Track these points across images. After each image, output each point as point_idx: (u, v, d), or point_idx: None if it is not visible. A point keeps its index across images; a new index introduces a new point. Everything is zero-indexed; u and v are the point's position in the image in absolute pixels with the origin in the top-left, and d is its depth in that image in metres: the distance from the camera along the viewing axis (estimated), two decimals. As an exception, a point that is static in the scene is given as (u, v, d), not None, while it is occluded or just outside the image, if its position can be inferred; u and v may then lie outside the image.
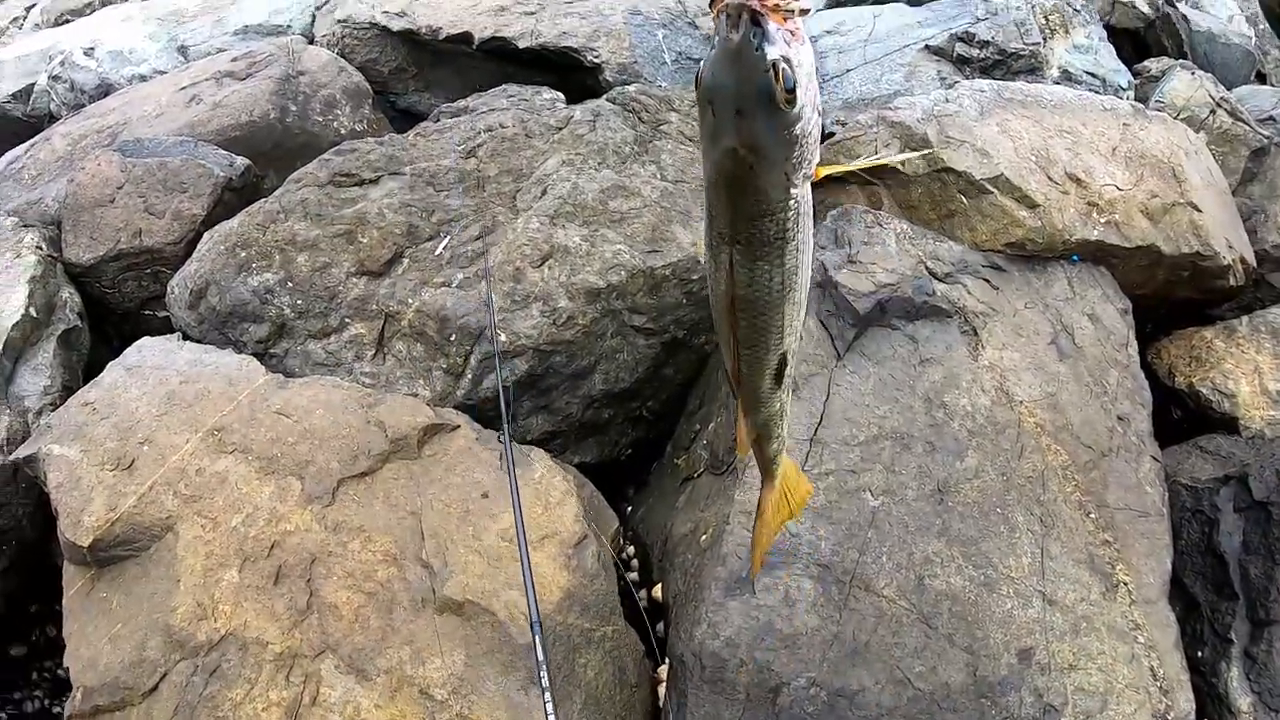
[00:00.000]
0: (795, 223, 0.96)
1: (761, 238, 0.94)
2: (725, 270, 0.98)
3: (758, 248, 0.95)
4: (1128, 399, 2.76)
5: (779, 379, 1.16)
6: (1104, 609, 2.32)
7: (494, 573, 2.11)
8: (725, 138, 0.86)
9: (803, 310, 1.09)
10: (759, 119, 0.84)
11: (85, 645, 2.08)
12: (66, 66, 4.55)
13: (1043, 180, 2.90)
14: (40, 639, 2.63)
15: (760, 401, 1.22)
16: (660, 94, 3.22)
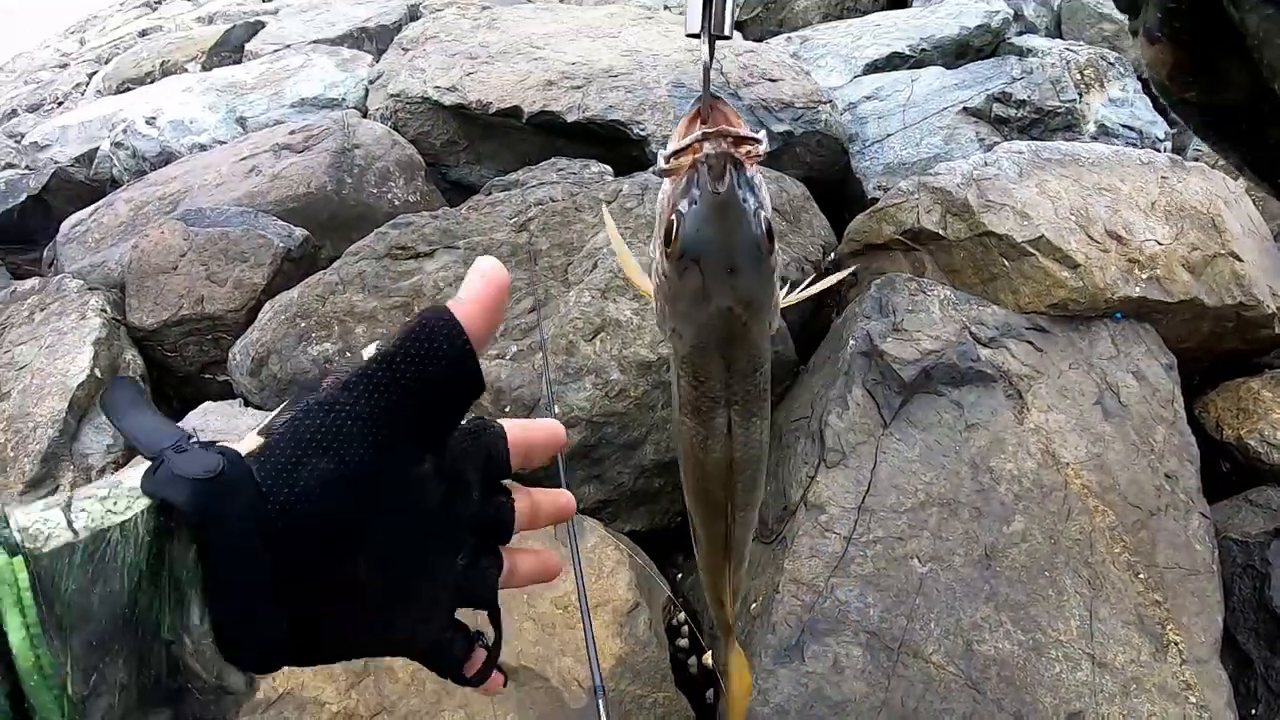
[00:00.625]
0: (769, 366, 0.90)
1: (755, 392, 0.87)
2: (721, 435, 0.88)
3: (753, 403, 0.88)
4: (1175, 456, 2.74)
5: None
6: (1154, 670, 2.30)
7: (548, 639, 2.15)
8: (718, 298, 0.77)
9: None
10: (752, 273, 0.76)
11: None
12: (129, 134, 4.73)
13: (1083, 239, 2.92)
14: None
15: (744, 561, 1.17)
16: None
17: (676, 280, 0.76)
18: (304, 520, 0.52)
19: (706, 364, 0.83)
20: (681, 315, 0.80)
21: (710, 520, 1.00)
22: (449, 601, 0.63)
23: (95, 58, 8.57)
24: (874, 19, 5.31)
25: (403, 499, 0.57)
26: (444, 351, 0.55)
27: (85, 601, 0.45)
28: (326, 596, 0.55)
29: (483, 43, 4.21)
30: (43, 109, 7.26)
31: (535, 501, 0.68)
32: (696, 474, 0.94)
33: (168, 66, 6.16)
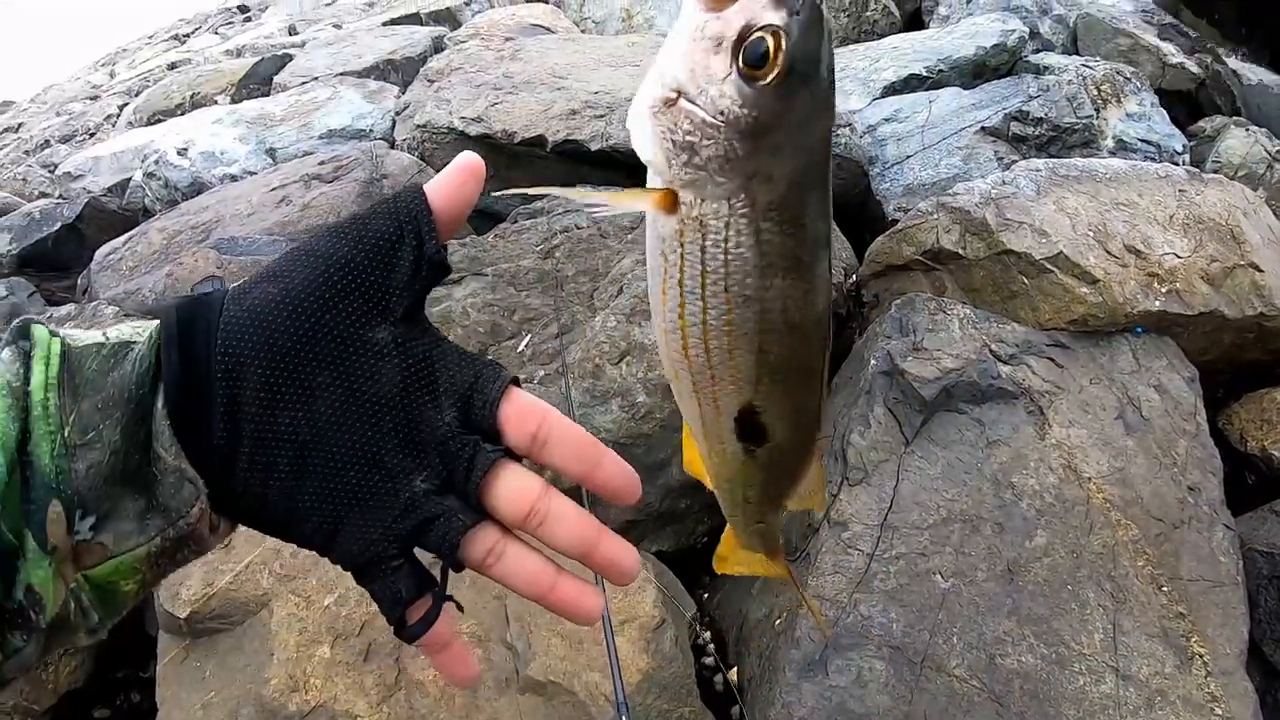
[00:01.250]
0: None
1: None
2: (825, 283, 0.74)
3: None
4: (1198, 468, 2.75)
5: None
6: (1179, 682, 2.30)
7: (575, 655, 2.19)
8: (824, 119, 0.68)
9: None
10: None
11: (178, 710, 2.19)
12: (161, 165, 4.83)
13: (1102, 255, 2.94)
14: (124, 704, 2.72)
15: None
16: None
17: (773, 108, 0.64)
18: (245, 339, 0.56)
19: (809, 201, 0.70)
20: (776, 149, 0.67)
21: (805, 401, 0.80)
22: (400, 526, 0.59)
23: (125, 90, 8.76)
24: (891, 41, 5.35)
25: (354, 360, 0.58)
26: (406, 215, 0.59)
27: (100, 379, 0.54)
28: (270, 439, 0.57)
29: (507, 73, 4.29)
30: (75, 140, 7.42)
31: (546, 507, 0.61)
32: (786, 351, 0.75)
33: (197, 99, 6.29)
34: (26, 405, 0.52)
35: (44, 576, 0.51)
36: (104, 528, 0.54)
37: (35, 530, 0.50)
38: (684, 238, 0.69)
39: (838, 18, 6.17)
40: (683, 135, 0.66)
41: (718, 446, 0.81)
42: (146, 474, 0.55)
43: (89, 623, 0.56)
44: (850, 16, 6.19)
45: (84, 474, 0.52)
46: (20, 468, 0.51)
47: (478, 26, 6.45)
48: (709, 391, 0.76)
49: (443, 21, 7.29)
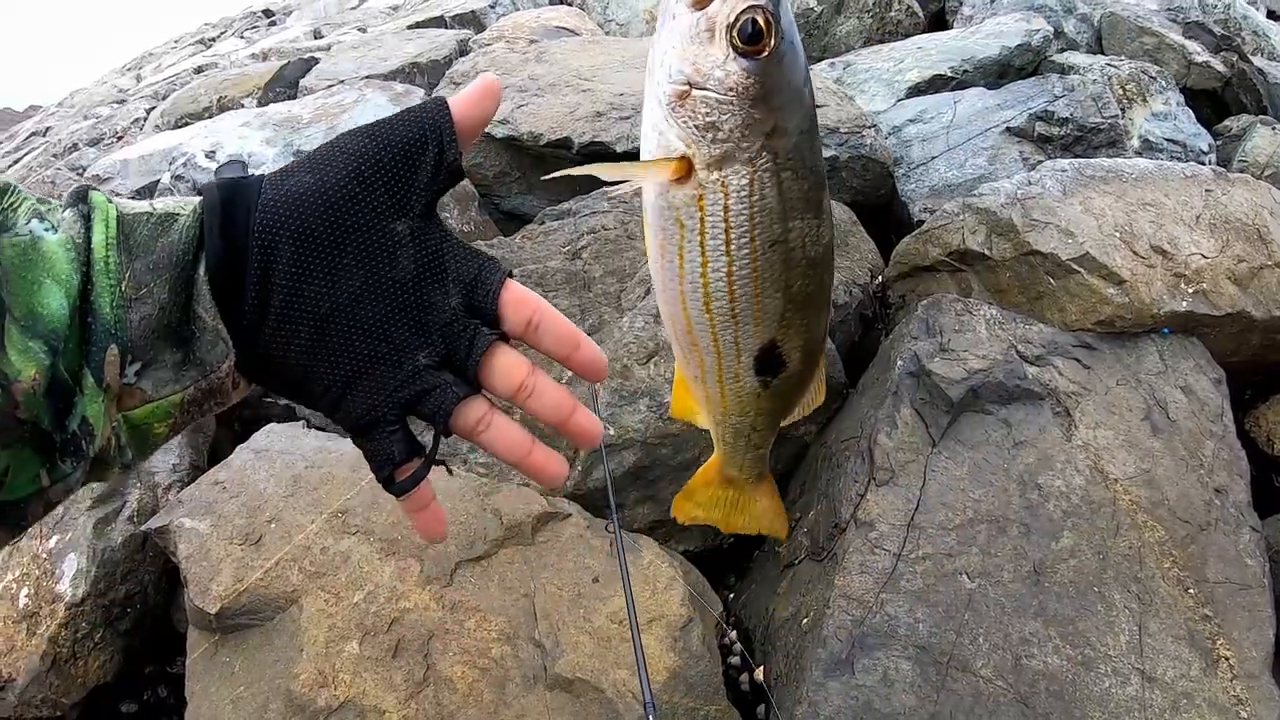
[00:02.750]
0: None
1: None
2: (829, 217, 0.82)
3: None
4: (1224, 470, 2.74)
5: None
6: (1204, 685, 2.30)
7: (603, 652, 2.21)
8: (810, 77, 0.78)
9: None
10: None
11: (207, 704, 2.22)
12: (189, 167, 4.87)
13: (1128, 255, 2.93)
14: (151, 698, 2.75)
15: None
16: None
17: (774, 71, 0.74)
18: (280, 220, 0.63)
19: (812, 144, 0.80)
20: (783, 106, 0.76)
21: (817, 328, 0.88)
22: (400, 394, 0.67)
23: (152, 93, 8.85)
24: (916, 41, 5.34)
25: (375, 247, 0.66)
26: (431, 124, 0.67)
27: (150, 243, 0.61)
28: (295, 310, 0.64)
29: (532, 75, 4.31)
30: (103, 143, 7.50)
31: (535, 384, 0.69)
32: (804, 283, 0.83)
33: (224, 102, 6.35)
34: (89, 260, 0.58)
35: (97, 411, 0.58)
36: (146, 374, 0.61)
37: (94, 370, 0.57)
38: (704, 201, 0.77)
39: (861, 18, 6.17)
40: (703, 119, 0.75)
41: (734, 386, 0.88)
42: (185, 331, 0.62)
43: (123, 459, 0.63)
44: (874, 17, 6.18)
45: (136, 324, 0.59)
46: (80, 314, 0.57)
47: (502, 29, 6.48)
48: (731, 340, 0.84)
49: (467, 24, 7.33)
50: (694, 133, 0.75)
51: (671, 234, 0.79)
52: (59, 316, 0.56)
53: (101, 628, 2.63)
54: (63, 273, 0.57)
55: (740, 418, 0.93)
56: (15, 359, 0.52)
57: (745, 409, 0.91)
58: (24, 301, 0.55)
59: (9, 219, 0.58)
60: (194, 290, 0.62)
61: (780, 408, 0.94)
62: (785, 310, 0.83)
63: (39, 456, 0.55)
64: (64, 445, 0.56)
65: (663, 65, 0.76)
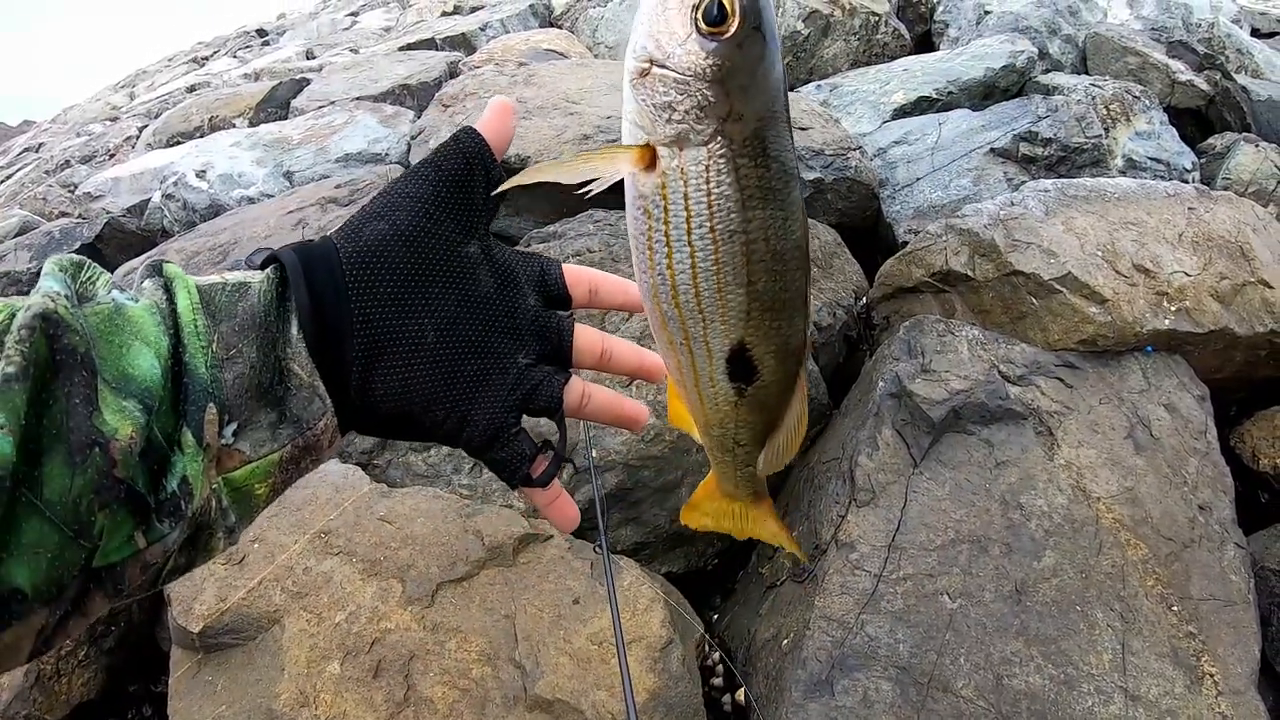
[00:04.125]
0: None
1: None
2: (799, 211, 0.80)
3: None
4: (1209, 487, 2.74)
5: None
6: (1189, 702, 2.29)
7: (583, 674, 2.20)
8: (778, 59, 0.77)
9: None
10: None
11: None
12: (179, 186, 4.90)
13: (1110, 274, 2.95)
14: (135, 717, 2.74)
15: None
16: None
17: (735, 55, 0.74)
18: (370, 268, 0.67)
19: (776, 134, 0.78)
20: (743, 90, 0.76)
21: (789, 334, 0.85)
22: (514, 397, 0.73)
23: (145, 111, 8.88)
24: (901, 64, 5.38)
25: (458, 272, 0.71)
26: (472, 150, 0.73)
27: (232, 307, 0.63)
28: (405, 346, 0.68)
29: (520, 98, 4.32)
30: (95, 160, 7.52)
31: (610, 347, 0.80)
32: (770, 282, 0.81)
33: (216, 121, 6.37)
34: (176, 324, 0.60)
35: (197, 470, 0.57)
36: (244, 435, 0.62)
37: (194, 429, 0.57)
38: (666, 189, 0.76)
39: (848, 41, 6.21)
40: (660, 97, 0.74)
41: (709, 391, 0.86)
42: (278, 389, 0.64)
43: (227, 522, 0.63)
44: (860, 39, 6.23)
45: (231, 384, 0.61)
46: (174, 376, 0.58)
47: (492, 52, 6.52)
48: (700, 337, 0.82)
49: (458, 47, 7.38)
50: (651, 111, 0.75)
51: (641, 224, 0.78)
52: (151, 376, 0.56)
53: (86, 645, 2.62)
54: (151, 335, 0.57)
55: (721, 429, 0.91)
56: (110, 418, 0.52)
57: (725, 419, 0.89)
58: (114, 364, 0.55)
59: (89, 290, 0.58)
60: (284, 349, 0.64)
61: (760, 421, 0.90)
62: (750, 308, 0.81)
63: (133, 518, 0.54)
64: (161, 506, 0.55)
65: (630, 42, 0.77)
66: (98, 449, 0.50)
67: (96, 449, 0.50)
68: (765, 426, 0.92)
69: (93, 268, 0.60)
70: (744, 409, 0.87)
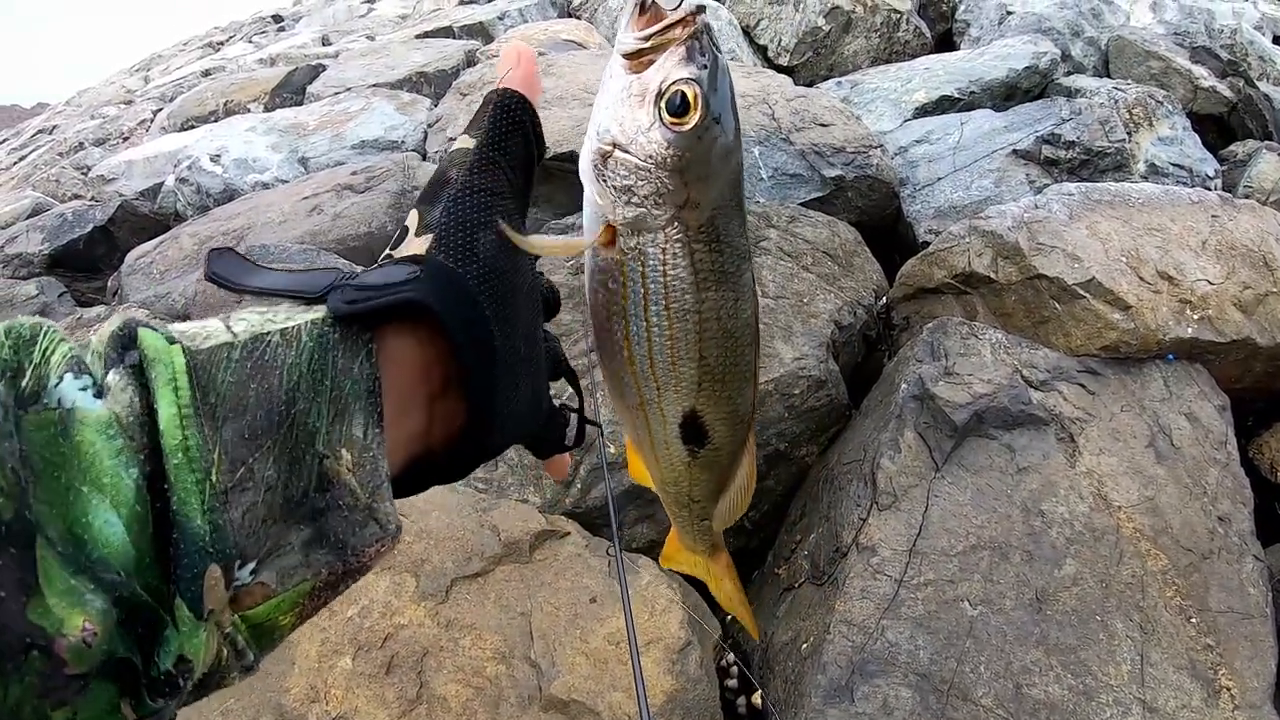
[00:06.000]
0: None
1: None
2: (750, 292, 0.85)
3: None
4: (1228, 498, 2.72)
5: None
6: (1206, 715, 2.27)
7: (599, 674, 2.18)
8: (738, 150, 0.80)
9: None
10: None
11: (196, 716, 2.14)
12: (194, 170, 4.89)
13: (1134, 281, 2.92)
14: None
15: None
16: (759, 210, 3.33)
17: (695, 145, 0.76)
18: (491, 288, 0.58)
19: (729, 221, 0.81)
20: (701, 180, 0.78)
21: (740, 402, 0.90)
22: (553, 376, 0.73)
23: (160, 95, 8.87)
24: (923, 62, 5.35)
25: (525, 264, 0.65)
26: (528, 123, 0.66)
27: (241, 394, 0.45)
28: (512, 374, 0.61)
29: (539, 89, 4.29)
30: (109, 143, 7.51)
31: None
32: (721, 355, 0.85)
33: (231, 106, 6.36)
34: (156, 445, 0.42)
35: (198, 645, 0.43)
36: (266, 567, 0.46)
37: (189, 599, 0.42)
38: (625, 268, 0.78)
39: (869, 38, 6.18)
40: (620, 180, 0.76)
41: (664, 452, 0.90)
42: (315, 500, 0.48)
43: (244, 662, 0.49)
44: (881, 37, 6.20)
45: (240, 522, 0.44)
46: (156, 521, 0.42)
47: (510, 41, 6.49)
48: (655, 403, 0.85)
49: (475, 35, 7.35)
50: (611, 194, 0.76)
51: (600, 296, 0.80)
52: (112, 541, 0.40)
53: None
54: (108, 477, 0.40)
55: (677, 487, 0.95)
56: (55, 605, 0.37)
57: (679, 478, 0.94)
58: (60, 517, 0.39)
59: (40, 378, 0.41)
60: (331, 446, 0.49)
61: (713, 479, 0.95)
62: (702, 380, 0.85)
63: (116, 686, 0.40)
64: (154, 684, 0.42)
65: (594, 123, 0.78)
66: (36, 652, 0.36)
67: (35, 652, 0.36)
68: (718, 484, 0.96)
69: (49, 335, 0.42)
70: (697, 469, 0.91)
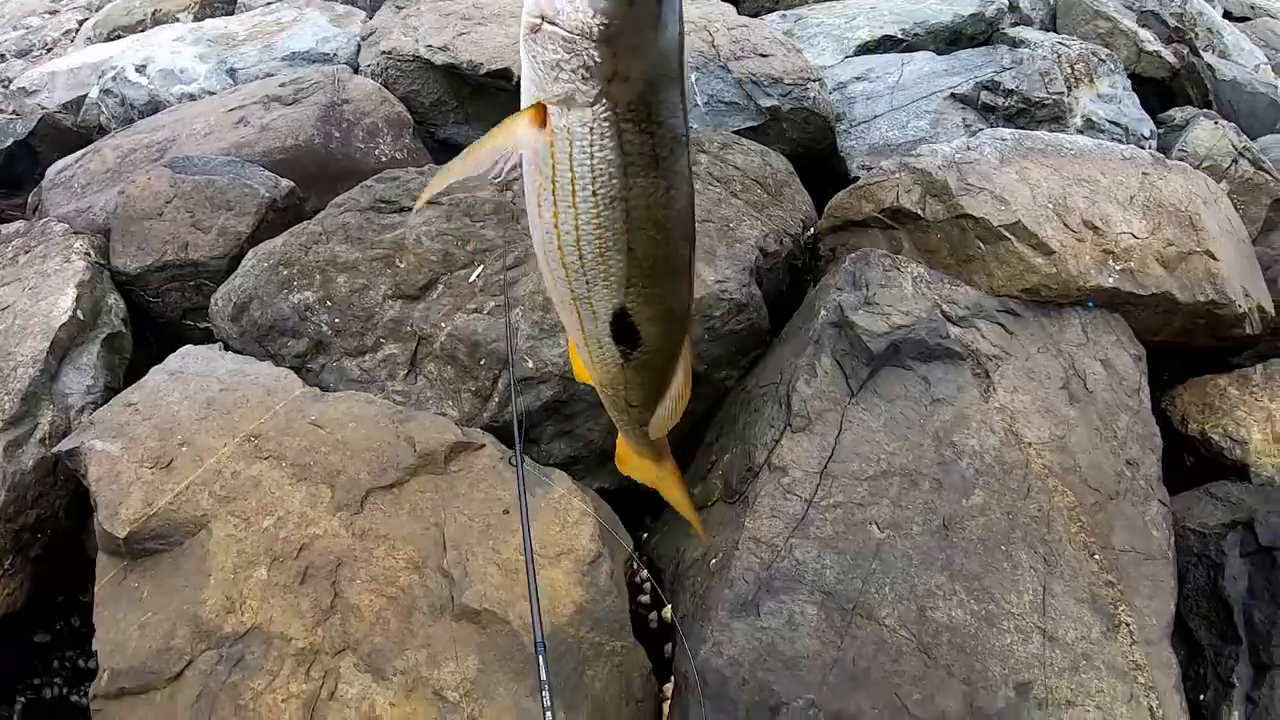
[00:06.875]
0: None
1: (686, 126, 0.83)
2: (685, 177, 0.81)
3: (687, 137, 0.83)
4: (1137, 444, 2.80)
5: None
6: (1104, 648, 2.35)
7: (511, 584, 2.19)
8: (675, 21, 0.76)
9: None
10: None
11: (114, 631, 2.16)
12: (118, 82, 4.69)
13: (1059, 227, 2.96)
14: (64, 629, 2.69)
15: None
16: (691, 135, 3.31)
17: (625, 14, 0.72)
18: None
19: (664, 99, 0.77)
20: (631, 51, 0.74)
21: (673, 300, 0.85)
22: None
23: (86, 4, 8.47)
24: (869, 1, 5.32)
25: None
26: None
27: None
28: None
29: (477, 4, 4.21)
30: (31, 54, 7.17)
31: None
32: (652, 247, 0.81)
33: (159, 15, 6.10)
34: None
35: None
36: None
37: None
38: (554, 149, 0.76)
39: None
40: (549, 54, 0.74)
41: (598, 352, 0.87)
42: None
43: None
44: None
45: None
46: None
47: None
48: (585, 298, 0.82)
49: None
50: (540, 69, 0.75)
51: (532, 180, 0.78)
52: None
53: (11, 554, 2.53)
54: None
55: (613, 390, 0.92)
56: None
57: (615, 380, 0.90)
58: None
59: None
60: None
61: (648, 383, 0.91)
62: (631, 274, 0.81)
63: None
64: None
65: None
66: None
67: None
68: (654, 389, 0.93)
69: None
70: (631, 371, 0.88)
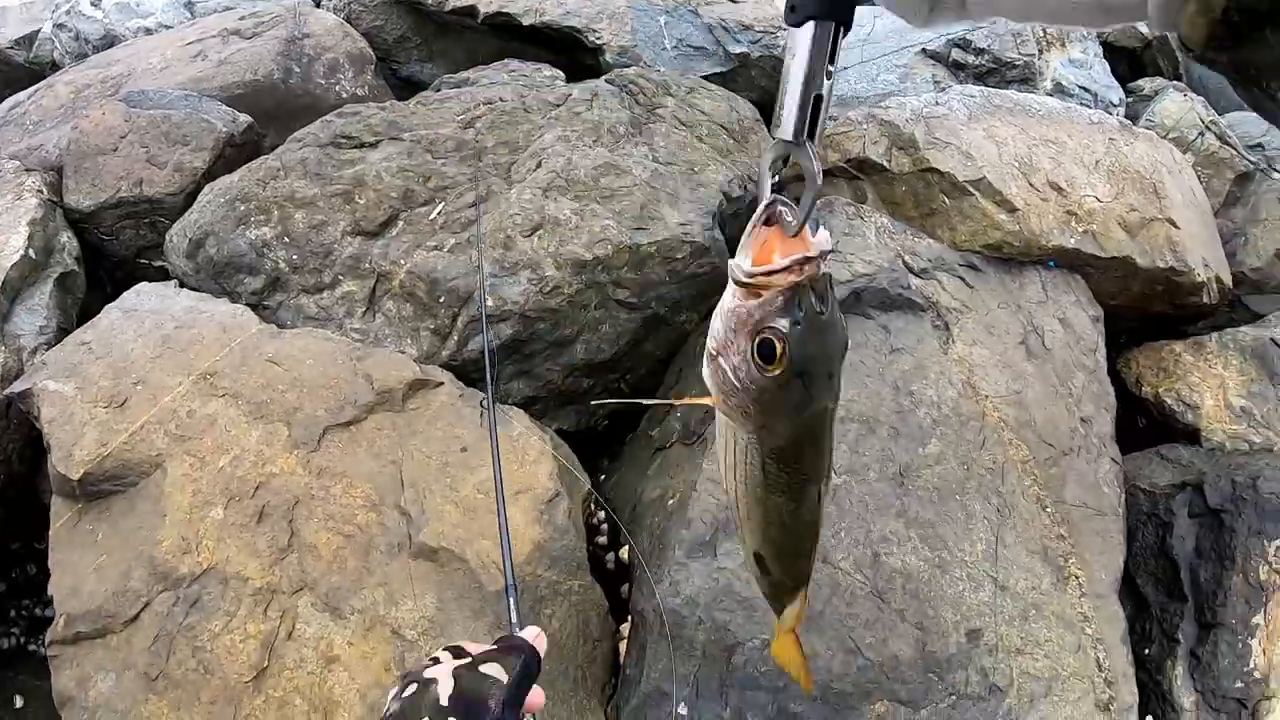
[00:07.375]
0: None
1: (830, 462, 0.99)
2: (813, 504, 0.98)
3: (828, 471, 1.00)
4: (1092, 402, 2.85)
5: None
6: (1054, 599, 2.41)
7: (468, 523, 2.19)
8: (821, 400, 0.86)
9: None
10: (841, 371, 0.87)
11: (70, 574, 2.13)
12: (72, 16, 4.57)
13: (1024, 186, 2.99)
14: (20, 577, 2.66)
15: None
16: (658, 78, 3.28)
17: (774, 391, 0.82)
18: None
19: (803, 453, 0.91)
20: (777, 418, 0.87)
21: (792, 567, 1.09)
22: None
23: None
24: (844, -46, 5.29)
25: None
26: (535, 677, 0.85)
27: None
28: None
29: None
30: (-16, -10, 6.95)
31: None
32: (779, 536, 1.03)
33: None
34: None
35: None
36: None
37: None
38: (725, 433, 0.93)
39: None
40: (720, 380, 0.85)
41: (746, 558, 1.12)
42: None
43: None
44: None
45: None
46: None
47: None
48: (740, 524, 1.04)
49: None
50: (713, 385, 0.87)
51: (721, 436, 0.95)
52: None
53: None
54: None
55: (758, 584, 1.16)
56: None
57: (759, 581, 1.15)
58: None
59: None
60: None
61: (778, 592, 1.15)
62: (763, 540, 1.03)
63: None
64: None
65: (713, 320, 0.85)
66: None
67: None
68: (783, 595, 1.15)
69: None
70: (764, 582, 1.13)
